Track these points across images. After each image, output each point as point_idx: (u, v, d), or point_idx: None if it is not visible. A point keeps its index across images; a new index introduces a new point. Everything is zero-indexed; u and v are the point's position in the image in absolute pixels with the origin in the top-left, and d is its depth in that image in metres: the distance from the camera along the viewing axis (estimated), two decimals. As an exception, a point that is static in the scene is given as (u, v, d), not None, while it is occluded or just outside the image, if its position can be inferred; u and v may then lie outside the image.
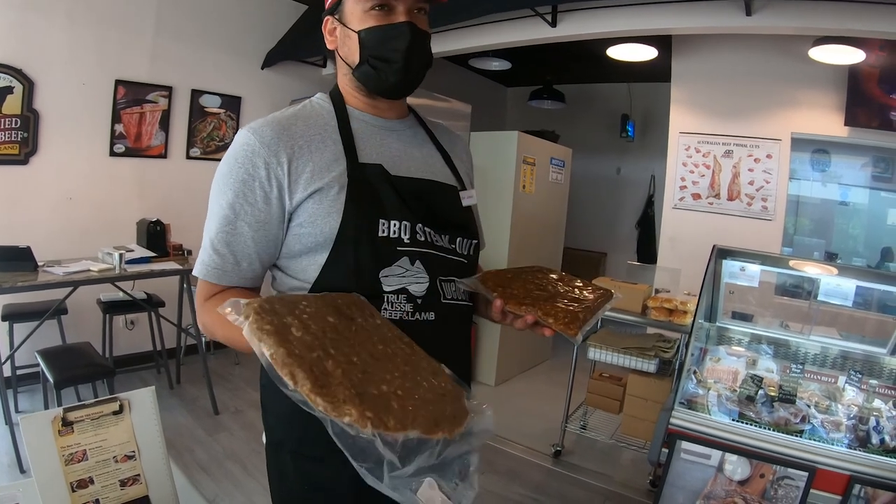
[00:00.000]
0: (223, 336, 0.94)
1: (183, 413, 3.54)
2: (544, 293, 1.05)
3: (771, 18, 3.02)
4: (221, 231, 0.94)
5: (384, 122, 1.07)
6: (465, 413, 0.76)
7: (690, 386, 2.28)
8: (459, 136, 1.28)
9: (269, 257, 0.98)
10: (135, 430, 0.99)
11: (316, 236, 0.94)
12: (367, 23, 0.97)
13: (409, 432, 0.67)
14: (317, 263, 0.95)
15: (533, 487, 2.99)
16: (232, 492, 2.73)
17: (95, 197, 3.91)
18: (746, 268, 2.53)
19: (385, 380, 0.73)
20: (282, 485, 1.06)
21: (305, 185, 0.93)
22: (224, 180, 0.94)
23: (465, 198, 1.11)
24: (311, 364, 0.67)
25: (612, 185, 6.99)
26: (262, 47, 4.74)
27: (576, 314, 0.97)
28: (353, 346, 0.75)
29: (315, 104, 1.05)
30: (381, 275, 0.94)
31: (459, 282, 1.02)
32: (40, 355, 2.74)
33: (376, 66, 0.99)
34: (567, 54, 5.19)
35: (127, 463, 0.97)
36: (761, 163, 4.11)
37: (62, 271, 2.99)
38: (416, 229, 0.97)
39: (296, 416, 0.94)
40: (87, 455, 0.94)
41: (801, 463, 1.90)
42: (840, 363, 2.40)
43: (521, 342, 4.76)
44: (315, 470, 0.99)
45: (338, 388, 0.66)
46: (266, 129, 0.95)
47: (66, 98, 3.70)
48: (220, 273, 0.96)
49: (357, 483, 0.95)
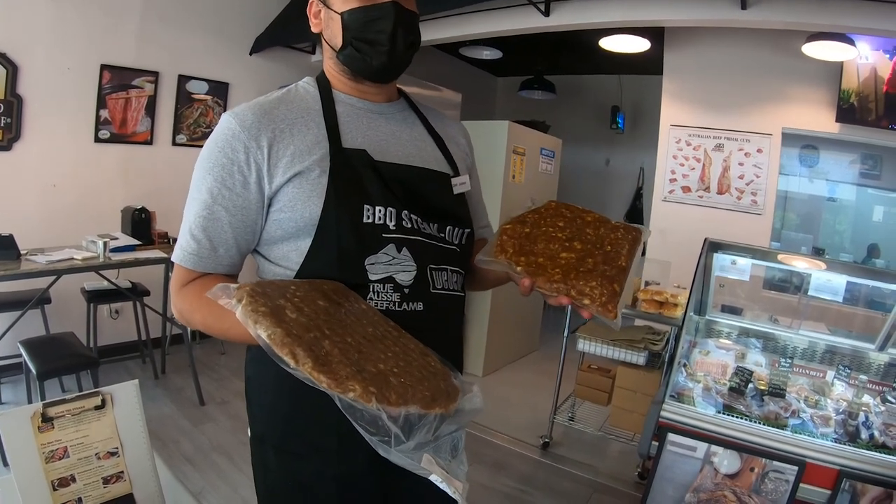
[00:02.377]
0: (201, 322, 0.92)
1: (168, 403, 3.50)
2: (573, 255, 0.95)
3: (765, 13, 3.02)
4: (199, 216, 0.92)
5: (371, 106, 1.04)
6: (456, 390, 0.78)
7: (680, 379, 2.28)
8: (456, 121, 1.24)
9: (246, 244, 0.96)
10: (118, 425, 0.96)
11: (296, 221, 0.92)
12: (350, 4, 0.95)
13: (409, 407, 0.70)
14: (299, 250, 0.93)
15: (520, 479, 3.00)
16: (218, 484, 2.71)
17: (80, 184, 3.84)
18: (737, 261, 2.53)
19: (380, 359, 0.74)
20: (265, 478, 1.04)
21: (285, 169, 0.91)
22: (204, 164, 0.93)
23: (456, 184, 1.07)
24: (309, 344, 0.68)
25: (601, 176, 7.00)
26: (251, 33, 4.66)
27: (611, 286, 0.88)
28: (346, 327, 0.76)
29: (300, 88, 1.02)
30: (366, 262, 0.91)
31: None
32: (23, 346, 2.69)
33: (360, 48, 0.96)
34: (559, 44, 5.16)
35: (110, 460, 0.95)
36: (752, 157, 4.12)
37: (45, 260, 2.94)
38: (401, 216, 0.94)
39: (279, 410, 0.97)
40: (68, 452, 0.91)
41: (791, 457, 1.91)
42: (829, 358, 2.41)
43: (509, 333, 4.76)
44: (298, 467, 0.98)
45: (338, 365, 0.68)
46: (247, 112, 0.93)
47: (51, 83, 3.62)
48: (197, 259, 0.93)
49: (340, 483, 0.97)
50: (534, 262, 0.93)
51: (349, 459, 0.95)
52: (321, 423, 0.94)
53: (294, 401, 0.95)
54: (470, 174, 1.16)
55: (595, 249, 0.97)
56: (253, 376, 1.04)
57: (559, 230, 1.01)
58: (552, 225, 1.03)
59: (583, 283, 0.89)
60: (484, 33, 3.96)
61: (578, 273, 0.91)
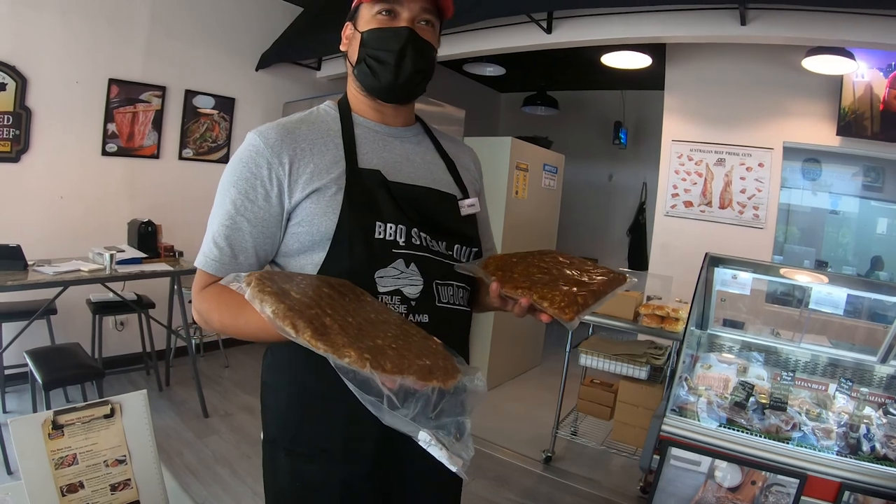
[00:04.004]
0: (219, 321, 0.97)
1: (172, 415, 3.51)
2: (546, 276, 1.00)
3: (765, 28, 3.04)
4: (222, 226, 0.98)
5: (388, 129, 1.10)
6: (456, 370, 0.79)
7: (682, 393, 2.28)
8: (468, 147, 1.30)
9: (265, 253, 1.01)
10: (126, 433, 0.98)
11: (313, 235, 0.97)
12: (372, 24, 1.02)
13: (405, 377, 0.71)
14: (314, 262, 0.98)
15: (522, 493, 2.99)
16: (221, 495, 2.70)
17: (87, 196, 3.89)
18: (738, 276, 2.54)
19: (379, 336, 0.76)
20: (275, 481, 1.08)
21: (305, 185, 0.97)
22: (229, 178, 0.99)
23: (464, 206, 1.13)
24: (309, 318, 0.71)
25: (603, 191, 7.02)
26: (257, 49, 4.73)
27: (574, 298, 0.92)
28: (348, 310, 0.79)
29: (322, 110, 1.09)
30: (376, 275, 0.96)
31: (459, 266, 1.02)
32: (29, 356, 2.71)
33: (371, 65, 1.03)
34: (561, 61, 5.20)
35: (118, 467, 0.97)
36: (753, 171, 4.14)
37: (52, 271, 2.97)
38: (411, 233, 0.99)
39: (290, 414, 1.03)
40: (77, 459, 0.93)
41: (792, 470, 1.90)
42: (831, 371, 2.42)
43: (512, 348, 4.76)
44: (306, 467, 1.02)
45: (336, 336, 0.71)
46: (271, 131, 0.99)
47: (59, 96, 3.68)
48: (218, 265, 0.98)
49: (344, 485, 1.01)
50: (508, 276, 0.97)
51: (353, 462, 1.00)
52: (328, 426, 1.00)
53: (304, 405, 1.02)
54: (479, 198, 1.21)
55: (572, 279, 1.00)
56: (268, 381, 1.10)
57: (543, 263, 1.06)
58: (540, 260, 1.08)
59: (546, 291, 0.93)
60: (487, 50, 4.01)
61: (546, 286, 0.95)
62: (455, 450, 0.76)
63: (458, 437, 0.79)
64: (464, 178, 1.18)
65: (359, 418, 0.99)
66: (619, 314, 3.07)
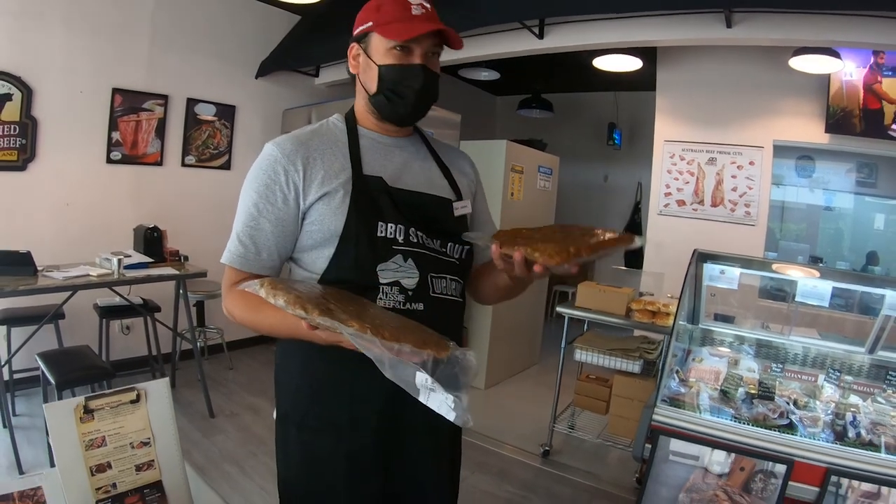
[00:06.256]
0: (240, 316, 1.11)
1: (179, 416, 3.47)
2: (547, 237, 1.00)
3: (750, 30, 3.12)
4: (246, 226, 1.11)
5: (389, 140, 1.23)
6: (447, 345, 0.88)
7: (673, 384, 2.34)
8: (464, 153, 1.43)
9: (285, 250, 1.15)
10: (150, 418, 1.05)
11: (323, 233, 1.10)
12: (388, 60, 1.12)
13: (402, 344, 0.81)
14: (324, 257, 1.11)
15: (521, 485, 3.07)
16: (229, 493, 2.77)
17: (93, 203, 3.97)
18: (726, 271, 2.60)
19: (378, 319, 0.87)
20: (286, 453, 1.20)
21: (317, 189, 1.10)
22: (251, 184, 1.12)
23: (457, 208, 1.25)
24: (317, 303, 0.84)
25: (599, 192, 7.10)
26: (256, 57, 4.83)
27: (566, 248, 0.92)
28: (350, 303, 0.91)
29: (331, 123, 1.22)
30: (377, 268, 1.09)
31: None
32: (41, 358, 2.78)
33: (391, 98, 1.15)
34: (554, 64, 5.28)
35: (142, 449, 1.04)
36: (744, 169, 4.22)
37: (62, 276, 3.04)
38: (409, 232, 1.12)
39: (301, 391, 1.16)
40: (105, 441, 1.00)
41: (780, 456, 1.98)
42: (820, 362, 2.48)
43: (511, 347, 4.84)
44: (314, 440, 1.15)
45: (340, 314, 0.83)
46: (287, 142, 1.13)
47: (64, 105, 3.77)
48: (243, 261, 1.11)
49: (349, 459, 1.13)
50: (511, 240, 0.99)
51: (357, 436, 1.13)
52: (336, 402, 1.12)
53: (314, 383, 1.14)
54: (476, 197, 1.35)
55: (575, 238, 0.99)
56: (281, 362, 1.23)
57: (551, 231, 1.06)
58: (551, 230, 1.07)
59: (539, 245, 0.95)
60: (481, 56, 4.09)
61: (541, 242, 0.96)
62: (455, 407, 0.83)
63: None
64: (459, 182, 1.30)
65: (361, 398, 1.11)
66: (611, 310, 3.16)
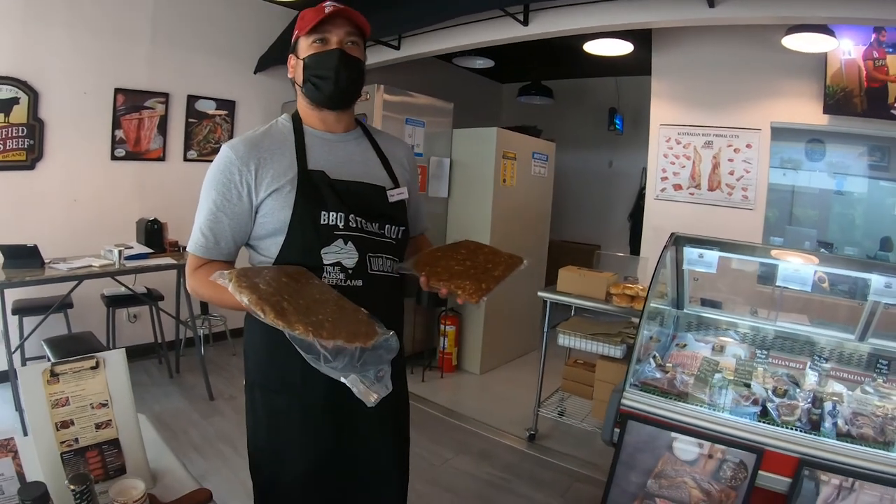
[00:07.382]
0: (206, 294, 1.28)
1: (180, 399, 3.75)
2: (461, 267, 1.35)
3: (734, 9, 3.04)
4: (206, 220, 1.28)
5: (332, 136, 1.38)
6: (375, 332, 1.11)
7: (647, 369, 2.34)
8: (404, 143, 1.62)
9: (241, 240, 1.33)
10: (108, 383, 1.21)
11: (274, 223, 1.27)
12: (310, 51, 1.31)
13: (336, 340, 1.03)
14: (277, 244, 1.27)
15: (503, 468, 3.13)
16: (220, 468, 2.93)
17: (98, 199, 4.16)
18: (705, 255, 2.53)
19: (321, 312, 1.07)
20: (253, 414, 1.39)
21: (267, 186, 1.26)
22: (210, 182, 1.29)
23: (393, 195, 1.40)
24: (273, 304, 1.03)
25: (604, 178, 7.02)
26: (255, 52, 4.94)
27: (479, 285, 1.28)
28: (301, 294, 1.10)
29: (280, 123, 1.38)
30: (322, 252, 1.26)
31: (397, 266, 1.37)
32: (46, 343, 2.98)
33: (315, 82, 1.31)
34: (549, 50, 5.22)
35: (101, 410, 1.20)
36: (741, 153, 4.14)
37: (66, 267, 3.23)
38: (349, 219, 1.28)
39: (263, 359, 1.37)
40: (69, 401, 1.16)
41: (750, 444, 1.95)
42: (808, 349, 2.44)
43: (507, 333, 4.88)
44: (275, 400, 1.34)
45: (291, 315, 1.02)
46: (240, 145, 1.30)
47: (69, 107, 3.94)
48: (205, 250, 1.30)
49: (303, 414, 1.32)
50: (433, 271, 1.32)
51: (310, 395, 1.31)
52: (290, 365, 1.24)
53: (272, 350, 1.30)
54: (410, 188, 1.49)
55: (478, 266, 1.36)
56: (247, 336, 1.41)
57: (460, 255, 1.41)
58: (457, 252, 1.43)
59: (459, 281, 1.29)
60: (466, 45, 4.10)
61: (460, 277, 1.31)
62: (374, 388, 1.09)
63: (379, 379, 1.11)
64: (395, 170, 1.45)
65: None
66: (591, 294, 3.17)
